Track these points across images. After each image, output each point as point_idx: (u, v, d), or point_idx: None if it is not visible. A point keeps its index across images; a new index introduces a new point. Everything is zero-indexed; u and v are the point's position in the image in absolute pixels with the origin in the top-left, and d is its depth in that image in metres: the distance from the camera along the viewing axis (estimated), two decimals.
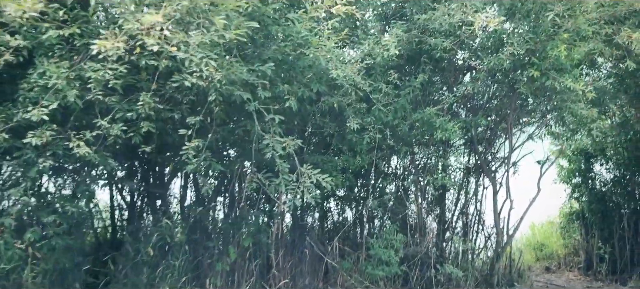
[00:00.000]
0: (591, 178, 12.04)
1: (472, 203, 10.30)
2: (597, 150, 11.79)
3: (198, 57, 5.68)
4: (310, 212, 10.40)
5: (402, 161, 9.77)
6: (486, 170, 9.61)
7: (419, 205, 9.35)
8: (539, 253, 13.26)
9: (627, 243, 11.14)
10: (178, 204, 8.96)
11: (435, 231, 9.99)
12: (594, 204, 11.86)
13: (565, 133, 9.80)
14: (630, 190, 11.54)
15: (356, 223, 9.69)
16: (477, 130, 9.08)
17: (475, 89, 8.06)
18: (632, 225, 11.17)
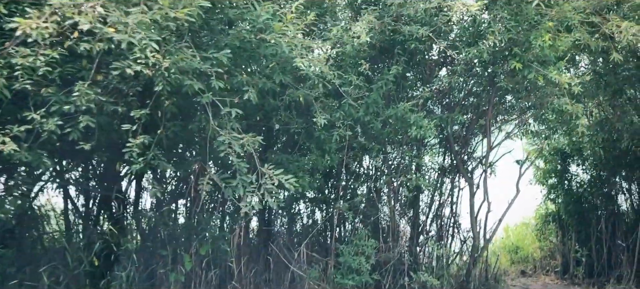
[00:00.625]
0: (568, 178, 11.51)
1: (448, 205, 9.66)
2: (573, 150, 11.25)
3: (137, 38, 4.84)
4: (278, 215, 9.66)
5: (375, 161, 9.06)
6: (462, 170, 8.97)
7: (392, 207, 8.64)
8: (513, 256, 12.71)
9: (604, 246, 10.60)
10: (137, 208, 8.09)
11: (408, 235, 9.30)
12: (570, 205, 11.32)
13: (544, 132, 9.20)
14: (607, 191, 11.03)
15: (327, 226, 8.95)
16: (453, 128, 8.42)
17: (453, 82, 7.38)
18: (610, 227, 10.64)
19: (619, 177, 10.92)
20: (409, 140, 8.00)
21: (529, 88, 7.16)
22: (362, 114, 7.26)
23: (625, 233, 10.42)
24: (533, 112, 8.40)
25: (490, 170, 9.44)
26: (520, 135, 9.28)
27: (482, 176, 8.86)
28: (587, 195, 11.34)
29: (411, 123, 7.22)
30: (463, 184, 9.49)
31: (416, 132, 7.19)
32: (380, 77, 7.31)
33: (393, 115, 7.29)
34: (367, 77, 7.34)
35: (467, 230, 9.41)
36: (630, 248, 10.14)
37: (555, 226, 11.84)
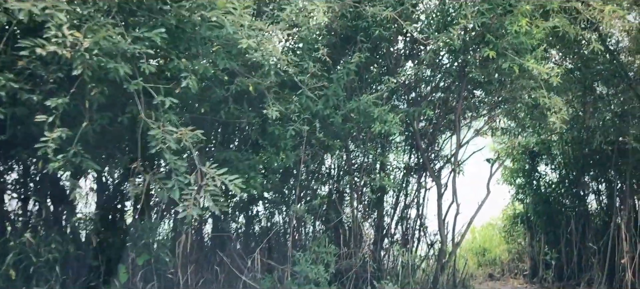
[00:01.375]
0: (536, 178, 10.94)
1: (413, 206, 8.94)
2: (542, 149, 10.68)
3: (39, 7, 3.91)
4: (234, 218, 8.77)
5: (336, 159, 8.27)
6: (429, 169, 8.25)
7: (355, 209, 7.85)
8: (481, 259, 12.12)
9: (574, 248, 10.06)
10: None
11: (372, 239, 8.54)
12: (539, 206, 10.76)
13: (515, 129, 8.56)
14: (576, 191, 10.49)
15: (286, 230, 8.12)
16: (419, 123, 7.69)
17: (420, 73, 6.61)
18: (580, 228, 10.10)
19: (589, 177, 10.39)
20: (373, 137, 7.22)
21: (503, 79, 6.47)
22: (321, 107, 6.45)
23: (596, 234, 9.88)
24: (504, 108, 7.71)
25: (459, 169, 8.78)
26: (491, 132, 8.61)
27: (451, 176, 8.15)
28: (556, 195, 10.81)
29: (375, 118, 6.45)
30: (430, 184, 8.79)
31: (380, 127, 6.43)
32: (342, 67, 6.51)
33: (355, 108, 6.50)
34: (326, 66, 6.53)
35: (434, 233, 8.72)
36: (601, 250, 9.60)
37: (524, 227, 11.28)
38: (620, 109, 8.57)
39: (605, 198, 10.10)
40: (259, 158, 6.46)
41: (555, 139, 10.54)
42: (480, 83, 7.84)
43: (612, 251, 9.36)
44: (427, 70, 7.40)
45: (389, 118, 6.41)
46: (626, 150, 8.84)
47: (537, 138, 10.46)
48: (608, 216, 9.85)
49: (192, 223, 7.38)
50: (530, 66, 5.59)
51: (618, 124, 8.53)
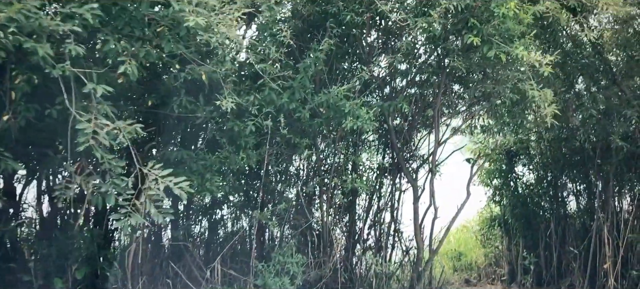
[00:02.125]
0: (513, 179, 10.37)
1: (388, 210, 8.24)
2: (520, 149, 10.10)
3: None
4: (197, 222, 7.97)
5: (305, 160, 7.52)
6: (405, 170, 7.56)
7: (324, 213, 7.10)
8: (456, 263, 11.48)
9: (554, 252, 9.49)
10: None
11: (343, 245, 7.82)
12: (516, 208, 10.17)
13: (497, 126, 7.93)
14: (556, 192, 9.94)
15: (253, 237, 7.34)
16: (394, 121, 7.00)
17: (395, 63, 5.90)
18: (560, 231, 9.55)
19: (569, 178, 9.86)
20: (344, 134, 6.49)
21: (487, 71, 5.81)
22: (286, 101, 5.71)
23: (576, 238, 9.34)
24: (485, 104, 7.06)
25: (436, 170, 8.12)
26: (470, 131, 7.96)
27: (428, 177, 7.48)
28: (534, 197, 10.24)
29: (346, 113, 5.73)
30: (405, 186, 8.11)
31: (352, 123, 5.72)
32: (309, 56, 5.76)
33: (324, 102, 5.77)
34: (292, 55, 5.80)
35: (409, 239, 8.03)
36: (582, 254, 9.06)
37: (501, 230, 10.68)
38: (604, 106, 8.03)
39: (586, 199, 9.56)
40: (215, 158, 5.67)
41: (533, 138, 10.00)
42: (460, 78, 7.22)
43: (594, 255, 8.83)
44: (403, 63, 6.70)
45: (361, 114, 5.70)
46: (610, 149, 8.33)
47: (516, 138, 9.90)
48: (589, 219, 9.36)
49: (144, 229, 6.56)
50: (519, 53, 4.94)
51: (602, 122, 7.99)
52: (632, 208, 8.64)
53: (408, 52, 6.32)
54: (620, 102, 7.89)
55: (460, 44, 5.67)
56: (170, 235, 7.50)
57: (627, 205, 9.21)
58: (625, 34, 8.00)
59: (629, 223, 8.47)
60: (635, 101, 7.48)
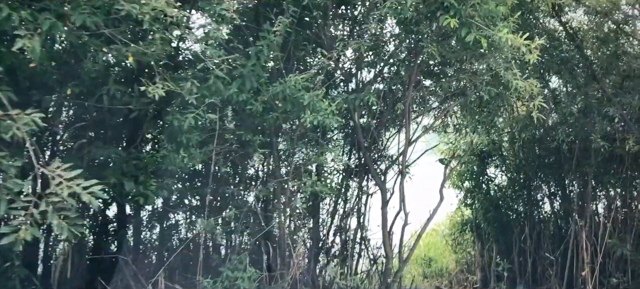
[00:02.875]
0: (486, 181, 9.73)
1: (354, 215, 7.46)
2: (493, 150, 9.46)
3: None
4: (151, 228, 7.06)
5: (262, 160, 6.67)
6: (372, 171, 6.78)
7: (283, 220, 6.25)
8: (426, 270, 10.78)
9: (528, 257, 8.88)
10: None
11: (305, 255, 7.00)
12: (489, 212, 9.55)
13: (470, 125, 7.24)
14: (530, 195, 9.32)
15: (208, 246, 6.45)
16: (361, 117, 6.23)
17: (361, 49, 5.11)
18: (535, 236, 8.94)
19: (543, 180, 9.26)
20: (305, 131, 5.67)
21: (465, 58, 5.08)
22: (234, 91, 4.85)
23: (552, 243, 8.74)
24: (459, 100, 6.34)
25: (407, 172, 7.38)
26: (443, 129, 7.24)
27: (397, 180, 6.72)
28: (507, 200, 9.63)
29: (305, 106, 4.91)
30: (373, 189, 7.35)
31: (312, 118, 4.89)
32: (262, 39, 4.91)
33: (279, 93, 4.93)
34: (243, 39, 4.95)
35: (377, 247, 7.25)
36: (558, 260, 8.45)
37: (473, 235, 10.03)
38: (583, 104, 7.44)
39: (561, 203, 8.97)
40: (150, 158, 4.77)
41: (506, 139, 9.39)
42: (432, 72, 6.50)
43: (571, 261, 8.25)
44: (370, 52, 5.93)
45: (322, 107, 4.89)
46: (588, 149, 7.75)
47: (488, 138, 9.26)
48: (565, 223, 8.78)
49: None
50: (503, 36, 4.22)
51: (581, 121, 7.40)
52: (613, 212, 8.06)
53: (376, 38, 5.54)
54: (600, 99, 7.32)
55: (435, 27, 4.91)
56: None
57: (604, 208, 8.69)
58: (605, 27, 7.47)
59: (608, 228, 7.89)
60: (616, 98, 6.89)
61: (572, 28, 7.47)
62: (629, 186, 8.13)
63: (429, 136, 7.67)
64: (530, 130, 8.51)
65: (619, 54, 7.31)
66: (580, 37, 7.47)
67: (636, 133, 6.78)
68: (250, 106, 5.02)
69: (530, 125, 8.40)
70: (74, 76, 4.50)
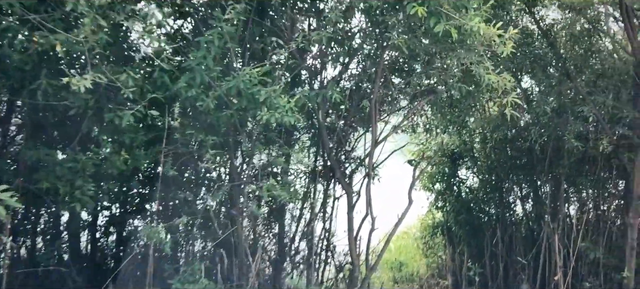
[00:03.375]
0: (457, 183, 9.41)
1: (319, 220, 7.02)
2: (464, 151, 9.14)
3: None
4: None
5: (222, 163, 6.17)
6: (339, 174, 6.36)
7: (241, 227, 5.76)
8: (397, 274, 10.41)
9: (500, 261, 8.58)
10: None
11: (268, 263, 6.54)
12: (461, 215, 9.22)
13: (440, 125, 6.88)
14: (500, 197, 9.01)
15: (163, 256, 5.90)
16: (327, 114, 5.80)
17: (323, 41, 4.66)
18: (506, 239, 8.65)
19: (515, 182, 8.98)
20: (261, 130, 5.20)
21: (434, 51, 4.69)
22: (183, 86, 4.37)
23: (524, 246, 8.46)
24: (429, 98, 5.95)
25: (374, 174, 7.00)
26: (412, 129, 6.86)
27: (364, 182, 6.31)
28: (479, 202, 9.32)
29: (261, 102, 4.45)
30: (339, 192, 6.93)
31: (269, 116, 4.44)
32: (214, 27, 4.43)
33: (233, 88, 4.46)
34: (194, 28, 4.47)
35: (344, 253, 6.83)
36: (530, 263, 8.18)
37: (444, 238, 9.71)
38: (556, 104, 7.16)
39: (534, 205, 8.71)
40: (87, 160, 4.25)
41: (478, 140, 9.09)
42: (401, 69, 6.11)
43: (543, 265, 7.97)
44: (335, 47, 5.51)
45: (281, 103, 4.44)
46: (561, 150, 7.49)
47: (459, 139, 8.95)
48: (537, 226, 8.51)
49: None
50: (475, 26, 3.85)
51: (554, 120, 7.12)
52: (585, 215, 7.81)
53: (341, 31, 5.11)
54: (573, 98, 7.05)
55: (402, 17, 4.51)
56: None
57: (577, 210, 8.45)
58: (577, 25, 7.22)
59: (580, 231, 7.63)
60: (591, 97, 6.62)
61: (545, 24, 7.20)
62: (601, 187, 7.90)
63: (400, 137, 7.31)
64: (503, 131, 8.22)
65: (593, 52, 7.06)
66: (553, 34, 7.21)
67: (610, 134, 6.52)
68: (200, 103, 4.54)
69: (503, 125, 8.15)
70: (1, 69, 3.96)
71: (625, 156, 6.53)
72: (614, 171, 7.62)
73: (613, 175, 7.68)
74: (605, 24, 7.65)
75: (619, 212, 7.85)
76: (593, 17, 7.04)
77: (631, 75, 6.68)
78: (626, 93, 6.83)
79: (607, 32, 7.63)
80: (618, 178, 7.76)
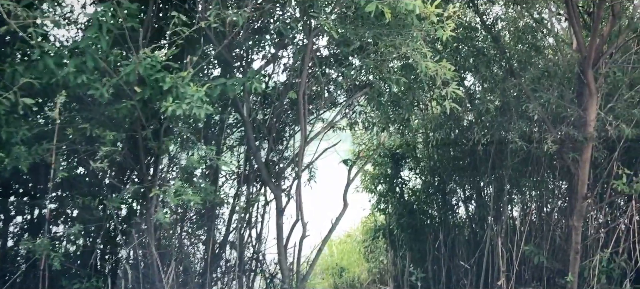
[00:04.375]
0: (399, 185, 8.95)
1: (249, 227, 6.35)
2: (406, 151, 8.69)
3: None
4: None
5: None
6: (265, 175, 5.70)
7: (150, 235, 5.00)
8: (337, 280, 9.88)
9: (443, 266, 8.19)
10: None
11: (191, 275, 5.82)
12: (403, 217, 8.76)
13: (380, 123, 6.35)
14: (443, 199, 8.62)
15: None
16: (253, 108, 5.15)
17: (240, 22, 4.00)
18: (449, 242, 8.27)
19: (458, 183, 8.61)
20: (171, 122, 4.49)
21: (368, 35, 4.12)
22: (70, 71, 3.63)
23: (467, 249, 8.11)
24: (366, 92, 5.41)
25: (310, 175, 6.40)
26: (349, 126, 6.29)
27: (295, 185, 5.70)
28: (421, 204, 8.90)
29: (168, 90, 3.77)
30: (271, 195, 6.28)
31: (176, 107, 3.75)
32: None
33: (132, 73, 3.75)
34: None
35: (275, 263, 6.19)
36: (473, 268, 7.82)
37: (386, 242, 9.24)
38: (500, 102, 6.80)
39: (477, 207, 8.36)
40: None
41: (420, 139, 8.67)
42: (333, 60, 5.53)
43: (486, 269, 7.64)
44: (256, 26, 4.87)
45: (189, 92, 3.76)
46: (504, 150, 7.15)
47: (401, 139, 8.50)
48: (481, 229, 8.17)
49: None
50: (410, 4, 3.31)
51: (498, 119, 6.75)
52: (529, 217, 7.51)
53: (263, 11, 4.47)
54: (518, 96, 6.71)
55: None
56: None
57: (520, 212, 8.15)
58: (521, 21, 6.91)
59: (524, 233, 7.31)
60: (536, 93, 6.28)
61: (489, 19, 6.84)
62: (545, 189, 7.62)
63: (343, 135, 6.73)
64: (445, 130, 7.83)
65: (538, 48, 6.75)
66: (497, 30, 6.86)
67: (554, 133, 6.19)
68: (93, 91, 3.80)
69: (446, 124, 7.76)
70: None
71: (569, 157, 6.21)
72: (558, 172, 7.37)
73: (556, 175, 7.42)
74: (548, 21, 7.39)
75: (563, 214, 7.60)
76: (538, 16, 6.76)
77: (575, 73, 6.40)
78: (570, 91, 6.54)
79: (551, 30, 7.37)
80: (562, 179, 7.51)
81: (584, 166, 6.13)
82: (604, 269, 6.72)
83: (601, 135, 6.20)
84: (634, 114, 6.07)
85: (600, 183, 6.67)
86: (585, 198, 6.22)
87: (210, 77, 5.17)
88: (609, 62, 6.17)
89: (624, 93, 6.32)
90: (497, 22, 6.89)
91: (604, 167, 6.64)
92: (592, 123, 5.98)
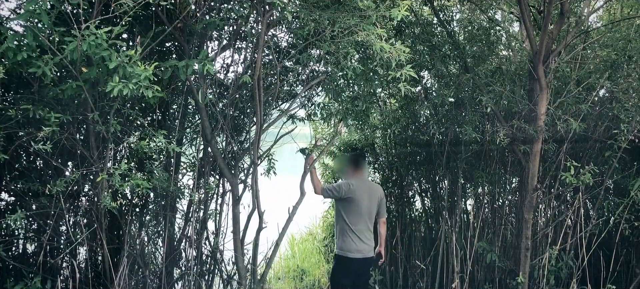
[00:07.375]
0: None
1: (211, 220, 6.09)
2: (366, 145, 8.56)
3: None
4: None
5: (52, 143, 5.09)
6: (220, 161, 5.50)
7: (102, 228, 4.74)
8: (299, 283, 9.55)
9: (399, 266, 8.04)
10: None
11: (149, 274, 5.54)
12: None
13: (339, 113, 6.23)
14: (400, 194, 8.50)
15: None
16: (208, 95, 4.96)
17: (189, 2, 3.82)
18: (406, 240, 8.16)
19: (415, 178, 8.54)
20: (119, 105, 4.26)
21: (317, 15, 4.00)
22: (11, 48, 3.39)
23: (423, 247, 8.02)
24: (321, 79, 5.29)
25: (269, 166, 6.16)
26: (307, 116, 6.14)
27: (251, 174, 5.51)
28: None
29: (112, 69, 3.57)
30: (229, 186, 6.05)
31: (122, 87, 3.56)
32: None
33: (75, 51, 3.53)
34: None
35: (232, 261, 5.94)
36: (429, 268, 7.71)
37: None
38: (455, 96, 6.81)
39: (433, 200, 8.30)
40: None
41: (379, 133, 8.57)
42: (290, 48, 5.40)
43: (441, 269, 7.51)
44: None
45: (137, 71, 3.57)
46: (459, 144, 7.15)
47: (361, 133, 8.41)
48: (436, 223, 8.10)
49: None
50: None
51: (453, 112, 6.75)
52: (481, 211, 7.50)
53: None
54: (472, 90, 6.73)
55: None
56: None
57: (473, 207, 8.10)
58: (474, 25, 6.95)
59: (477, 229, 7.27)
60: (489, 86, 6.31)
61: (445, 15, 6.86)
62: (496, 182, 7.65)
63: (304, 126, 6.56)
64: (402, 124, 7.77)
65: (492, 43, 6.81)
66: (452, 27, 6.88)
67: (506, 127, 6.23)
68: (35, 69, 3.56)
69: (402, 118, 7.71)
70: None
71: (520, 150, 6.26)
72: (509, 166, 7.40)
73: (508, 169, 7.45)
74: (503, 21, 7.48)
75: (514, 207, 7.63)
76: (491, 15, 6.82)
77: (527, 69, 6.47)
78: (522, 86, 6.61)
79: (504, 27, 7.45)
80: (513, 173, 7.55)
81: (534, 159, 6.18)
82: (553, 269, 6.64)
83: (551, 129, 6.28)
84: (581, 109, 6.17)
85: (549, 175, 6.72)
86: (536, 189, 6.27)
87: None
88: (558, 59, 6.27)
89: (572, 89, 6.43)
90: (452, 20, 6.91)
91: (553, 161, 6.72)
92: (543, 117, 6.05)
